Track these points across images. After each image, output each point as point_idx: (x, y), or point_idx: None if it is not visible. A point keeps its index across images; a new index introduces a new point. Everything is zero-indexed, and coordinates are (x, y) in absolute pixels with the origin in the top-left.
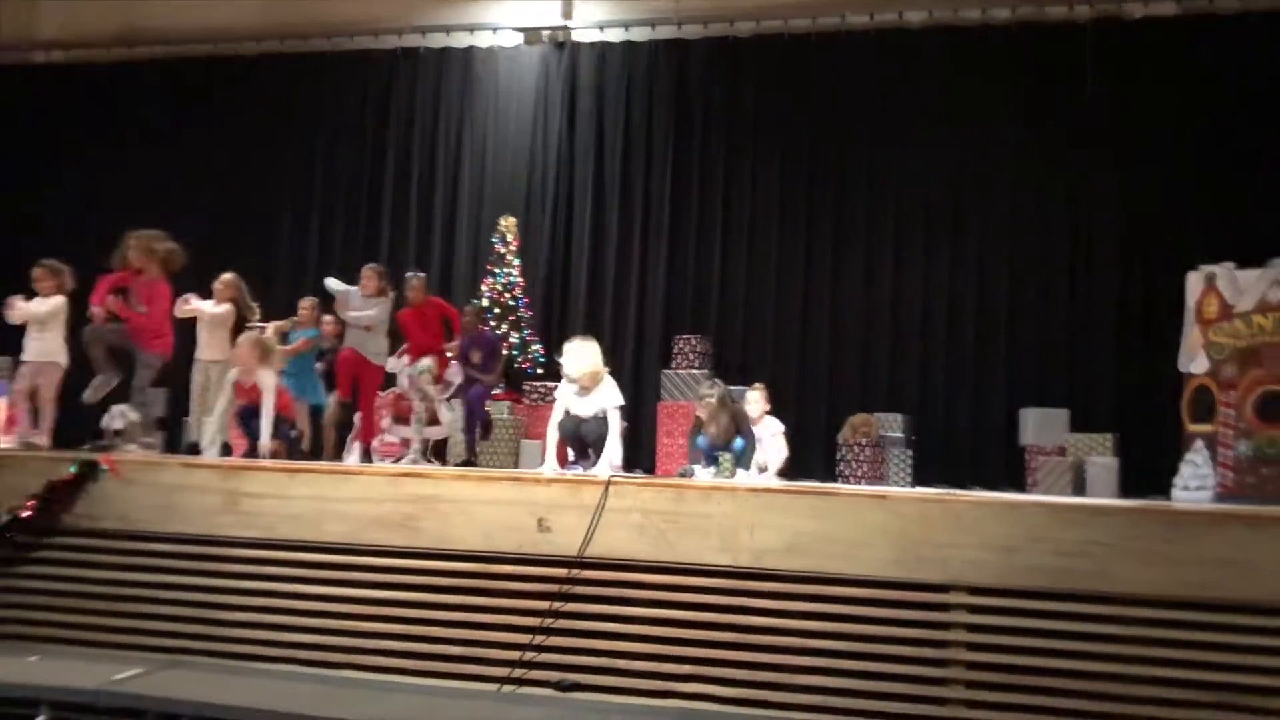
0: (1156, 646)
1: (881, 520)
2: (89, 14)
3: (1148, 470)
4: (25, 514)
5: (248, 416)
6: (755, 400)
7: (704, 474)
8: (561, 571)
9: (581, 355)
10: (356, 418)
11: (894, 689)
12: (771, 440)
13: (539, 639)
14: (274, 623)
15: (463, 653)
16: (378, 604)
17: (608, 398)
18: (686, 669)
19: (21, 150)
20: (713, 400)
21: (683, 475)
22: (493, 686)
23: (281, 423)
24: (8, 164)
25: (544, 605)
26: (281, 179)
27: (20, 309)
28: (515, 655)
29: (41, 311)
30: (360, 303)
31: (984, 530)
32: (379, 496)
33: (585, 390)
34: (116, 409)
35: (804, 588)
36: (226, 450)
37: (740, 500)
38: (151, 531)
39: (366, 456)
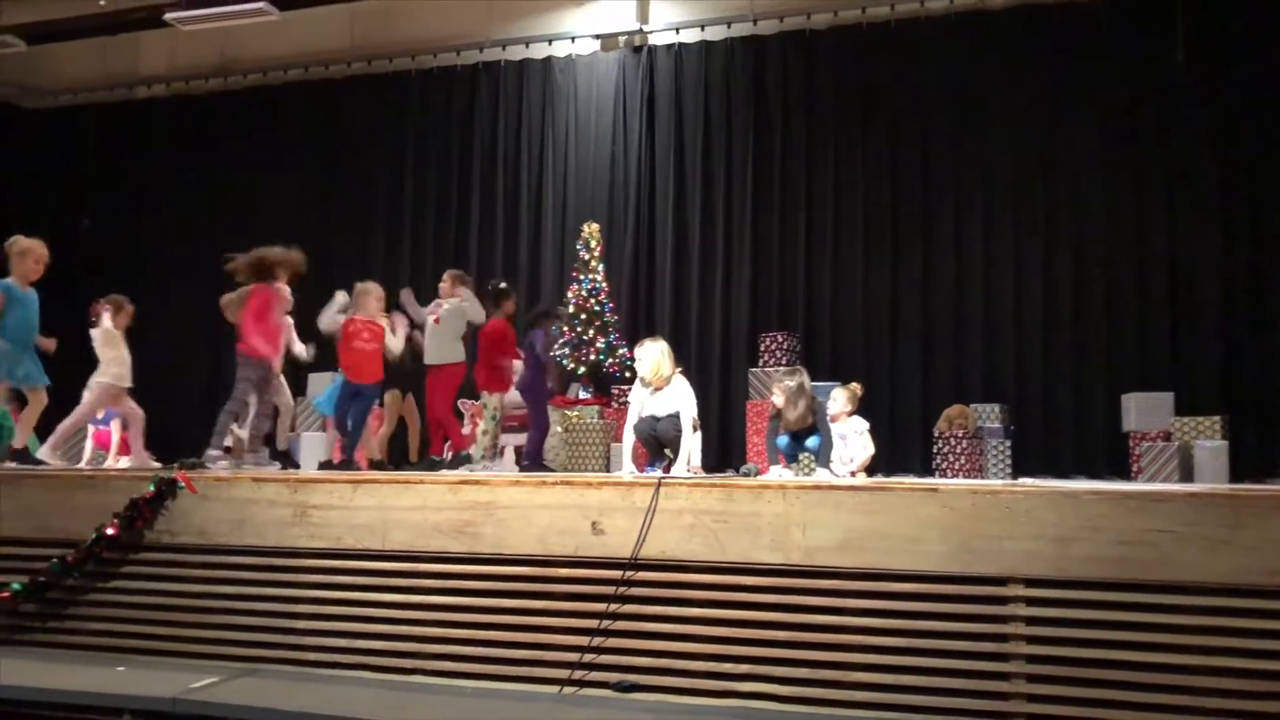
0: (1223, 636)
1: (934, 514)
2: (189, 48)
3: (1261, 452)
4: (110, 531)
5: (347, 400)
6: (838, 397)
7: (784, 473)
8: (616, 574)
9: (649, 356)
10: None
11: (953, 684)
12: (856, 438)
13: (597, 641)
14: (343, 630)
15: (524, 655)
16: (441, 609)
17: (680, 396)
18: (744, 668)
19: (128, 182)
20: (791, 385)
21: (745, 474)
22: (554, 688)
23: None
24: (116, 196)
25: (601, 607)
26: (373, 196)
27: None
28: (574, 657)
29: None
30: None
31: (1039, 521)
32: (438, 504)
33: (657, 390)
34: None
35: (859, 584)
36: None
37: (791, 498)
38: (227, 545)
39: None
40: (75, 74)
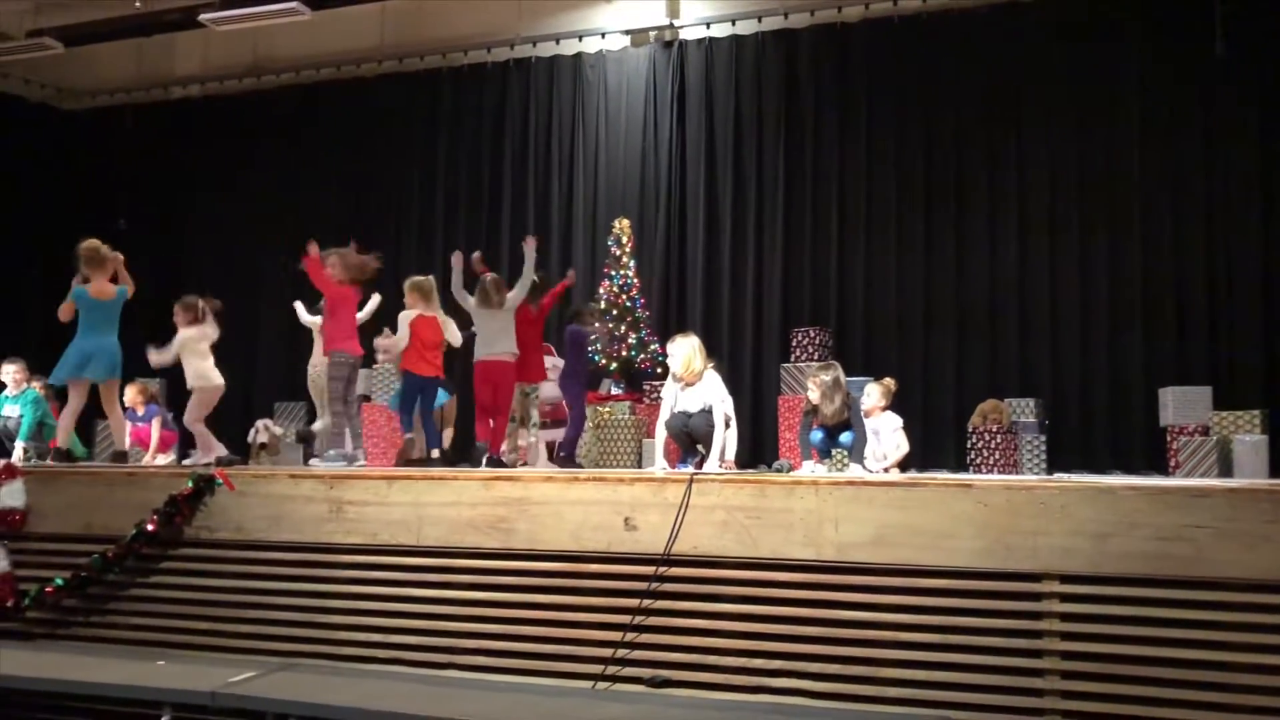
0: (1262, 633)
1: (969, 510)
2: (222, 48)
3: None
4: (150, 527)
5: (411, 396)
6: (871, 392)
7: (817, 469)
8: (649, 569)
9: (680, 352)
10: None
11: (987, 680)
12: (890, 434)
13: (630, 636)
14: (379, 625)
15: (557, 651)
16: (475, 605)
17: (712, 391)
18: (777, 664)
19: (163, 182)
20: (827, 379)
21: (777, 470)
22: (587, 683)
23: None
24: (151, 196)
25: (634, 603)
26: (405, 193)
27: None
28: (608, 652)
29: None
30: None
31: (1075, 516)
32: (472, 500)
33: (690, 386)
34: (260, 423)
35: (892, 580)
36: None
37: (824, 494)
38: (264, 540)
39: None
40: (111, 75)
